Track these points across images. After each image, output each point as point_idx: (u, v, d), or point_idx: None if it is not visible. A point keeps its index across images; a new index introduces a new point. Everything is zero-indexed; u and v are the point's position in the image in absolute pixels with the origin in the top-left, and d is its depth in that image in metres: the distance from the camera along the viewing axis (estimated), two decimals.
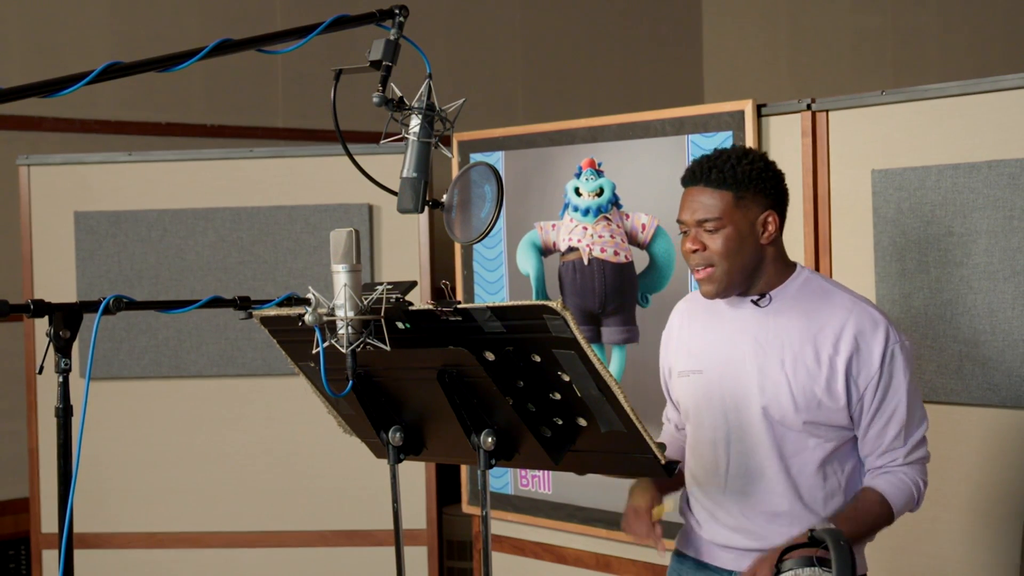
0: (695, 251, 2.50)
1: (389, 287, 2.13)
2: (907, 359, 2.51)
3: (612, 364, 3.70)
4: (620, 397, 2.10)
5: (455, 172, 4.06)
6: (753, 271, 2.52)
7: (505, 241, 3.99)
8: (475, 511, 4.18)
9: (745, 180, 2.48)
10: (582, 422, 2.17)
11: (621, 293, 3.68)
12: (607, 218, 3.70)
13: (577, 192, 3.77)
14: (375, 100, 2.09)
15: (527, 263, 3.93)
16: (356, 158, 2.17)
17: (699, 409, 2.60)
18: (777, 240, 2.54)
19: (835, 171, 3.31)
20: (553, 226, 3.85)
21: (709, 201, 2.48)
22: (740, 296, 2.57)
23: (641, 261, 3.65)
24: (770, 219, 2.51)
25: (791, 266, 2.59)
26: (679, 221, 2.54)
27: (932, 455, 3.11)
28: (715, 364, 2.58)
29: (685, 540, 2.71)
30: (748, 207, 2.49)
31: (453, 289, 4.05)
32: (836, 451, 2.53)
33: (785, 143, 3.38)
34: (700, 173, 2.50)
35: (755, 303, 2.55)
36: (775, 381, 2.50)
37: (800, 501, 2.52)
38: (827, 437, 2.52)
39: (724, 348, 2.57)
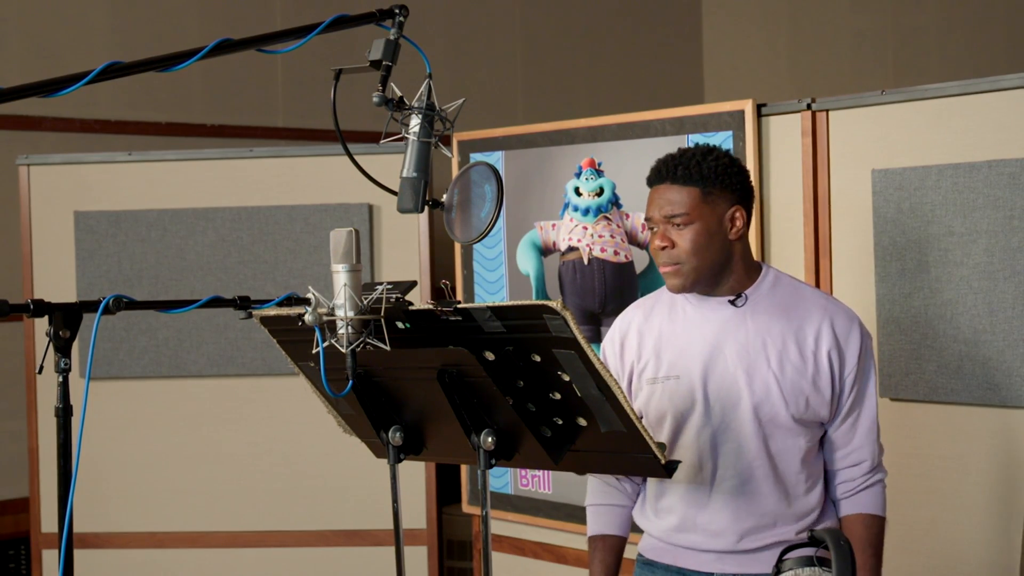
0: (663, 248, 2.51)
1: (389, 287, 2.13)
2: (872, 355, 2.60)
3: None
4: (620, 397, 2.10)
5: (455, 172, 4.06)
6: (722, 268, 2.53)
7: (505, 241, 3.99)
8: (475, 511, 4.18)
9: (711, 176, 2.50)
10: (582, 422, 2.17)
11: (621, 293, 3.68)
12: (607, 218, 3.71)
13: (577, 192, 3.77)
14: (375, 100, 2.09)
15: (527, 263, 3.93)
16: (356, 158, 2.17)
17: (680, 415, 2.56)
18: (744, 237, 2.56)
19: (835, 171, 3.31)
20: (553, 226, 3.85)
21: (676, 197, 2.50)
22: (712, 296, 2.57)
23: (641, 261, 3.65)
24: (737, 214, 2.52)
25: (757, 265, 2.61)
26: (647, 218, 2.55)
27: (932, 455, 3.11)
28: (695, 368, 2.55)
29: (654, 547, 2.66)
30: (715, 202, 2.50)
31: (453, 289, 4.05)
32: (815, 446, 2.57)
33: (785, 143, 3.38)
34: (666, 171, 2.52)
35: (732, 303, 2.56)
36: (764, 380, 2.50)
37: (786, 499, 2.54)
38: (810, 433, 2.55)
39: (703, 351, 2.55)
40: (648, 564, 2.68)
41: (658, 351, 2.60)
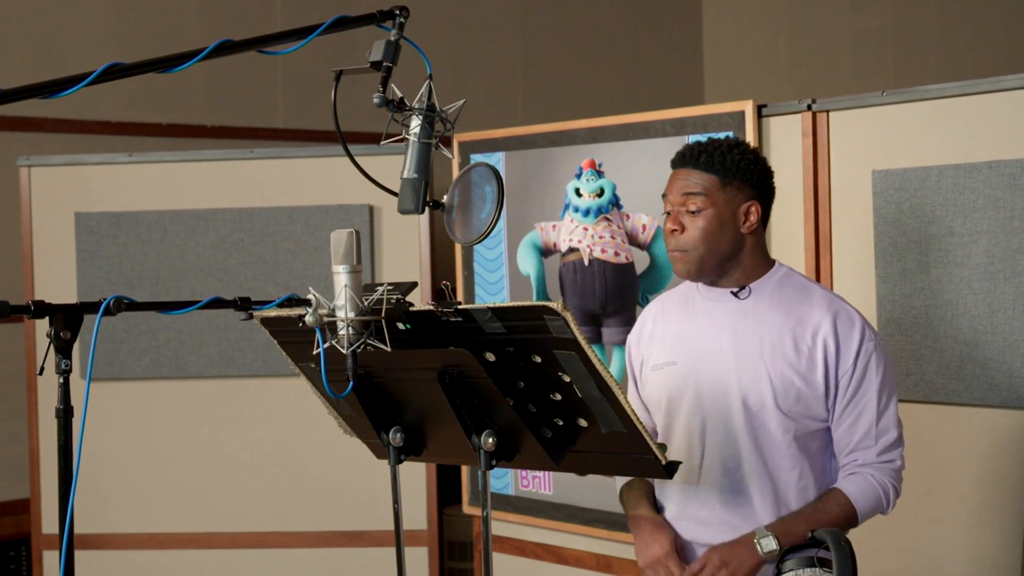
0: (673, 231, 2.53)
1: (390, 288, 2.13)
2: (881, 360, 2.54)
3: (613, 365, 3.70)
4: (620, 398, 2.10)
5: (455, 173, 4.06)
6: (728, 259, 2.55)
7: (506, 242, 3.99)
8: (476, 512, 4.18)
9: (733, 168, 2.52)
10: (583, 423, 2.17)
11: (622, 294, 3.68)
12: (607, 219, 3.71)
13: (578, 193, 3.77)
14: (376, 101, 2.09)
15: (528, 264, 3.93)
16: (357, 159, 2.17)
17: (673, 400, 2.60)
18: (758, 233, 2.57)
19: (836, 171, 3.31)
20: (554, 227, 3.85)
21: (696, 180, 2.52)
22: (717, 287, 2.59)
23: (642, 262, 3.65)
24: (752, 209, 2.54)
25: (770, 262, 2.62)
26: (664, 197, 2.58)
27: (933, 455, 3.10)
28: (690, 355, 2.59)
29: None
30: (733, 193, 2.53)
31: (454, 290, 4.05)
32: (811, 444, 2.55)
33: (786, 144, 3.38)
34: (690, 156, 2.55)
35: (735, 295, 2.57)
36: (754, 369, 2.51)
37: (774, 494, 2.53)
38: (803, 428, 2.53)
39: (700, 340, 2.58)
40: None
41: (664, 339, 2.66)
